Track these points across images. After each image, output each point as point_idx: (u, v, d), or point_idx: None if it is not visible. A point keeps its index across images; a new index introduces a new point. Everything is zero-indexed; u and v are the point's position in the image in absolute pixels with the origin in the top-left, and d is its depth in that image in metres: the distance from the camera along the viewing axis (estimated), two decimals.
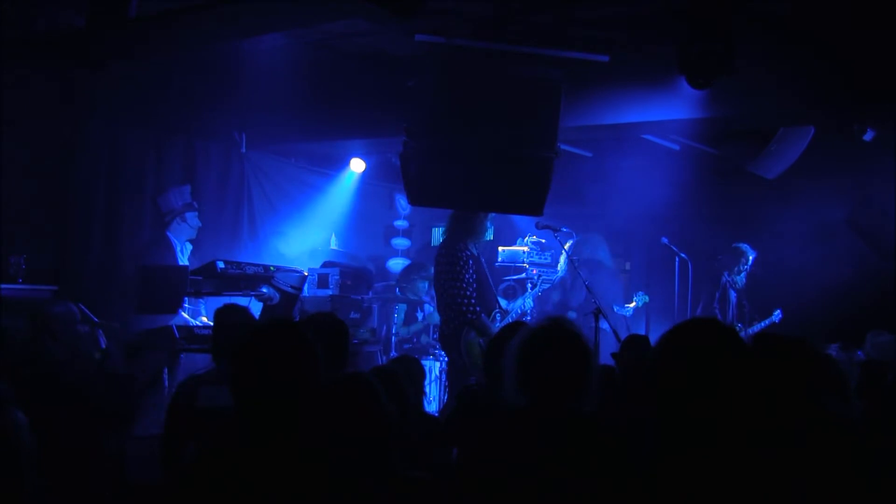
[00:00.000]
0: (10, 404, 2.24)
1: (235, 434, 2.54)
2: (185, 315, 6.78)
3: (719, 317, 7.96)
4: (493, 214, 7.17)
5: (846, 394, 3.06)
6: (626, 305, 8.48)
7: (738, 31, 5.71)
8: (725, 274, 8.22)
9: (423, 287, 8.55)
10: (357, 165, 9.10)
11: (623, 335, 5.78)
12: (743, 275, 8.28)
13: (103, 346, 5.76)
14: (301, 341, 2.69)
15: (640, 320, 8.50)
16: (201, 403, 3.75)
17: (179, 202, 7.19)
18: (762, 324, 8.02)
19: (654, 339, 2.64)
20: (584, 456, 2.66)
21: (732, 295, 8.21)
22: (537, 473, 2.65)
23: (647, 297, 8.43)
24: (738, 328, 7.84)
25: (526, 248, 8.76)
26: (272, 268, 6.90)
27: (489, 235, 7.06)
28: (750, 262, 8.28)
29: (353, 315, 7.97)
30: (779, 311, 8.07)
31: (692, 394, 2.38)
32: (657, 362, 2.49)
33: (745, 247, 8.35)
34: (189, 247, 7.27)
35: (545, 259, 8.70)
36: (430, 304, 8.37)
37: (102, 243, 7.39)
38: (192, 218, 7.18)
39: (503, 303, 7.17)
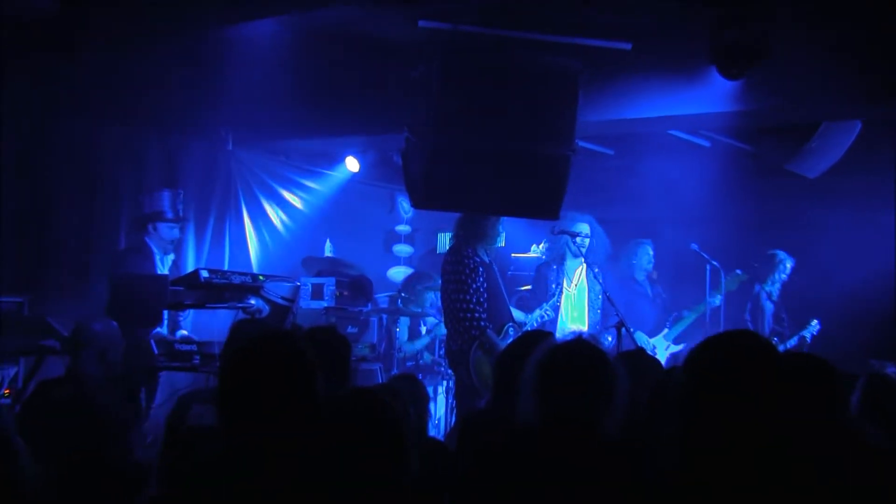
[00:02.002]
0: (5, 430, 2.25)
1: (222, 455, 2.52)
2: (163, 330, 6.77)
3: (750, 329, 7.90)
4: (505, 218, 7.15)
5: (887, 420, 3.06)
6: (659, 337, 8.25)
7: (775, 13, 5.69)
8: (757, 285, 8.14)
9: (430, 298, 8.49)
10: (351, 164, 9.08)
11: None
12: (779, 284, 8.17)
13: None
14: (293, 354, 2.66)
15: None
16: (191, 422, 3.78)
17: (149, 209, 7.17)
18: (798, 337, 7.89)
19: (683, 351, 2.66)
20: (599, 479, 2.66)
21: (768, 306, 8.13)
22: (548, 498, 2.65)
23: (744, 276, 8.06)
24: (774, 342, 7.75)
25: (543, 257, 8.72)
26: (261, 277, 6.89)
27: (500, 241, 7.04)
28: (789, 271, 8.18)
29: (350, 329, 7.99)
30: (817, 321, 7.96)
31: (722, 412, 2.38)
32: (688, 377, 2.49)
33: (781, 254, 8.24)
34: (171, 256, 7.26)
35: None
36: (435, 317, 8.31)
37: (75, 250, 7.41)
38: (165, 229, 7.12)
39: (518, 315, 7.12)
